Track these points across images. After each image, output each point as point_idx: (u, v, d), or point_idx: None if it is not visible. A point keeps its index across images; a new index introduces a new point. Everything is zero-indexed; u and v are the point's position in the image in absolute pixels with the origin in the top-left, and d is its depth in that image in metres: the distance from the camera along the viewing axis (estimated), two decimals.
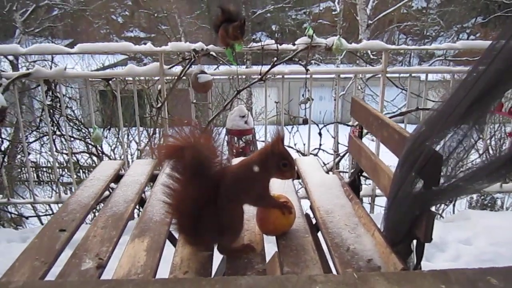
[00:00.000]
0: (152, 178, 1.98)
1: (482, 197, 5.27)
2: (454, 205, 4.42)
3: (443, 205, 4.64)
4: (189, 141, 1.25)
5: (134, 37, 18.04)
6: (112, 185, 2.00)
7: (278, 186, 1.53)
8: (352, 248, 1.31)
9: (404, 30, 16.17)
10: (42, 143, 5.47)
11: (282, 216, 1.37)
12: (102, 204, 2.33)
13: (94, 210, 3.93)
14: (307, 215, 1.80)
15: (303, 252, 1.30)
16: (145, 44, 3.36)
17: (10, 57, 10.28)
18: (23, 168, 8.09)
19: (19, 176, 7.37)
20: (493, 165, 0.98)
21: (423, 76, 3.48)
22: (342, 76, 10.11)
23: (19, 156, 6.68)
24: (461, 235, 3.07)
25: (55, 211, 3.02)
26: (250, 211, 1.45)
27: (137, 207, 1.95)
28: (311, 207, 1.66)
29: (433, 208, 1.17)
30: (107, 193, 1.96)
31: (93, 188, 1.77)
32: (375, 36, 12.67)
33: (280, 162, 1.30)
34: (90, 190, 1.75)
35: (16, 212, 4.54)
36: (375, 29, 13.30)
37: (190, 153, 1.23)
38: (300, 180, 2.05)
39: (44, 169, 9.24)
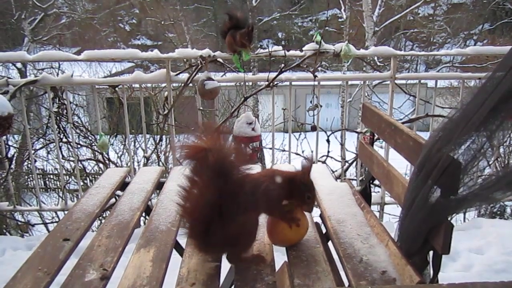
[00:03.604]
0: (159, 186, 1.94)
1: (492, 205, 5.18)
2: (464, 214, 4.34)
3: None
4: (215, 144, 1.22)
5: (141, 45, 18.12)
6: (119, 192, 1.97)
7: None
8: (365, 259, 1.26)
9: (410, 37, 16.10)
10: (49, 150, 5.46)
11: (290, 228, 1.33)
12: (108, 212, 2.29)
13: (100, 218, 3.91)
14: (317, 224, 1.75)
15: (314, 263, 1.25)
16: (151, 51, 3.35)
17: (19, 65, 10.37)
18: (30, 175, 8.11)
19: (26, 183, 7.38)
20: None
21: (430, 83, 3.42)
22: (349, 83, 10.06)
23: (26, 163, 6.69)
24: (473, 244, 3.01)
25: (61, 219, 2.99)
26: (261, 220, 1.41)
27: (143, 215, 1.92)
28: (321, 216, 1.61)
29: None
30: (113, 200, 1.92)
31: (98, 196, 1.73)
32: (381, 43, 12.62)
33: (306, 193, 1.33)
34: (95, 198, 1.72)
35: (22, 219, 4.53)
36: (382, 36, 13.25)
37: (215, 156, 1.20)
38: None
39: (51, 176, 9.26)
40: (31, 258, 1.29)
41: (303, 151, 3.94)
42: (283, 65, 3.14)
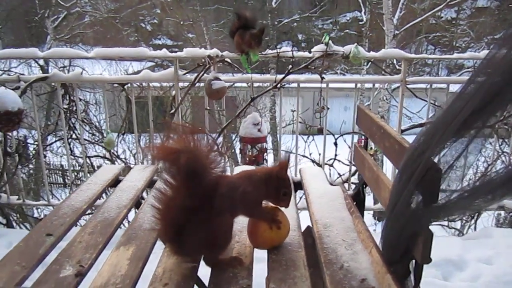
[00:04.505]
0: (151, 184, 1.93)
1: (511, 214, 5.03)
2: (476, 222, 4.22)
3: (464, 221, 4.45)
4: (187, 146, 1.20)
5: (162, 45, 18.26)
6: None
7: None
8: (346, 266, 1.22)
9: (432, 41, 15.80)
10: (62, 145, 5.55)
11: (270, 230, 1.30)
12: None
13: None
14: (308, 228, 1.72)
15: (293, 268, 1.22)
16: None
17: (41, 62, 10.59)
18: (47, 170, 8.27)
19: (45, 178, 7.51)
20: (494, 182, 0.88)
21: (453, 88, 3.31)
22: (367, 86, 9.87)
23: (45, 159, 6.83)
24: (482, 253, 2.92)
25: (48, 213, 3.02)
26: (243, 222, 1.39)
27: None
28: (310, 220, 1.58)
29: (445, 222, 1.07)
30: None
31: (88, 193, 1.73)
32: (401, 47, 12.41)
33: (282, 189, 1.30)
34: (85, 194, 1.72)
35: (37, 214, 4.61)
36: (402, 40, 13.04)
37: (185, 158, 1.18)
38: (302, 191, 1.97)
39: (67, 173, 9.39)
40: (11, 252, 1.30)
41: (310, 154, 3.90)
42: (290, 66, 3.11)
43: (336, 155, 3.59)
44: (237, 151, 3.86)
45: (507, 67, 0.84)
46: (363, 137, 1.86)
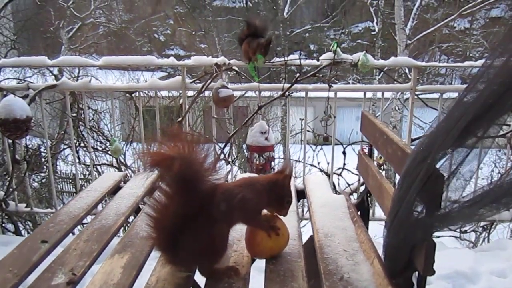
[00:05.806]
0: (152, 192, 1.90)
1: None
2: (489, 233, 4.11)
3: (479, 233, 4.34)
4: (181, 152, 1.17)
5: (175, 55, 18.31)
6: None
7: None
8: (346, 277, 1.17)
9: (446, 51, 15.62)
10: (71, 153, 5.60)
11: (269, 238, 1.25)
12: None
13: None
14: (311, 238, 1.67)
15: (291, 278, 1.17)
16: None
17: (56, 72, 10.72)
18: (61, 179, 8.33)
19: (57, 186, 7.59)
20: (498, 191, 0.83)
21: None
22: (379, 96, 9.79)
23: (57, 167, 6.89)
24: (496, 266, 2.84)
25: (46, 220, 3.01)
26: (241, 230, 1.35)
27: None
28: (312, 229, 1.53)
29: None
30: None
31: (87, 200, 1.71)
32: (413, 57, 12.30)
33: (285, 198, 1.28)
34: (84, 201, 1.69)
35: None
36: (415, 50, 12.93)
37: (179, 165, 1.15)
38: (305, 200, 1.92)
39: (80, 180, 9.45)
40: (5, 259, 1.27)
41: (319, 163, 3.85)
42: (298, 74, 3.08)
43: (344, 164, 3.54)
44: None
45: (506, 75, 0.80)
46: (367, 145, 1.81)
